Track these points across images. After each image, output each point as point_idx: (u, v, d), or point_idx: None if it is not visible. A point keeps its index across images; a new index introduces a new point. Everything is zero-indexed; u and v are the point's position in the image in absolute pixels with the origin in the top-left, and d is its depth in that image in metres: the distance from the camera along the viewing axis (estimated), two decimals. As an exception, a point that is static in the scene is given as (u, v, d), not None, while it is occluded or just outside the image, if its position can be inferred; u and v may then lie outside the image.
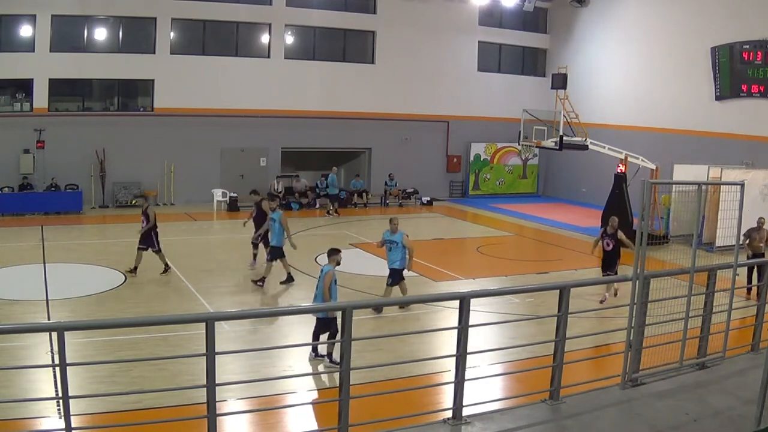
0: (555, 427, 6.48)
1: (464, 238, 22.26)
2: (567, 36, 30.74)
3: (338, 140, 28.35)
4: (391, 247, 13.02)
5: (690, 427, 6.46)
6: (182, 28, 25.89)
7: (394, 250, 12.98)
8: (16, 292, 13.57)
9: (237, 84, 26.11)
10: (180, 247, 17.49)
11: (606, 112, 27.83)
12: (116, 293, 14.01)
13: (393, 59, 28.74)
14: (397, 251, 12.95)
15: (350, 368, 5.72)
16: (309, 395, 8.97)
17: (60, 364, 4.97)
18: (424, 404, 7.80)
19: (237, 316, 11.74)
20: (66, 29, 24.18)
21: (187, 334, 10.63)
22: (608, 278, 13.55)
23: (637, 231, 7.12)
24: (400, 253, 12.92)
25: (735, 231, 8.08)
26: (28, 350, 10.09)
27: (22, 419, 8.03)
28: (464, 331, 6.19)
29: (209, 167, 26.07)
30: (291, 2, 26.99)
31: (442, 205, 28.80)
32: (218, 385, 5.29)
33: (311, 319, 11.33)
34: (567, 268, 17.61)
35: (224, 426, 7.86)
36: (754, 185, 19.10)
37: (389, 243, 13.10)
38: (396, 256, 12.97)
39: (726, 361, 8.04)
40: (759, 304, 8.51)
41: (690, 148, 23.54)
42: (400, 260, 12.95)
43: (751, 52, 22.75)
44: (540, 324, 12.06)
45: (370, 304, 12.66)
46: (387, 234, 13.19)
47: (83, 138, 23.93)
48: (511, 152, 31.28)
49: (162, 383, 9.23)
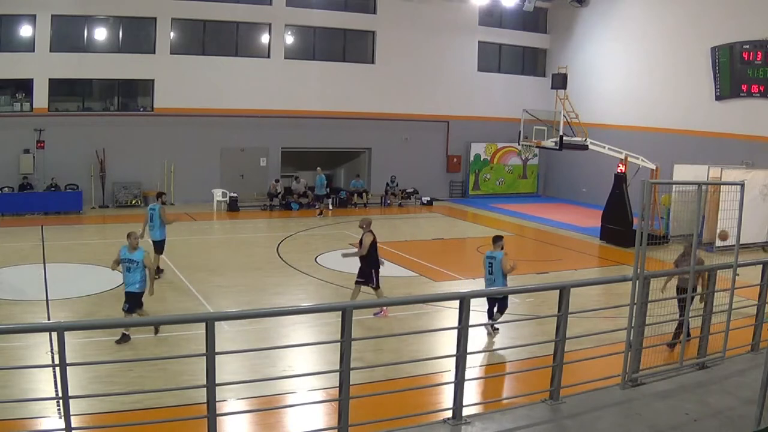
0: (555, 427, 6.47)
1: (464, 238, 22.27)
2: (567, 36, 30.74)
3: (338, 140, 28.36)
4: (130, 267, 10.66)
5: (690, 427, 6.46)
6: (182, 28, 25.89)
7: (134, 271, 10.68)
8: (16, 292, 13.57)
9: (237, 84, 26.11)
10: (180, 247, 17.48)
11: (606, 112, 27.84)
12: (116, 293, 13.97)
13: (393, 59, 28.74)
14: (137, 272, 10.69)
15: (350, 368, 5.71)
16: (309, 395, 8.96)
17: (60, 364, 4.97)
18: (424, 404, 7.79)
19: (237, 316, 11.73)
20: (66, 29, 24.18)
21: (187, 334, 10.63)
22: (608, 278, 13.53)
23: (637, 231, 7.12)
24: (140, 274, 10.70)
25: (735, 231, 8.09)
26: (28, 350, 10.09)
27: (22, 419, 8.03)
28: (464, 331, 6.18)
29: (209, 167, 26.06)
30: (291, 2, 26.99)
31: (442, 205, 28.80)
32: (218, 385, 5.29)
33: (311, 319, 11.35)
34: (567, 268, 17.60)
35: (224, 426, 7.85)
36: (754, 185, 19.10)
37: (127, 262, 10.76)
38: (135, 277, 10.70)
39: (726, 361, 8.03)
40: (759, 304, 8.50)
41: (690, 148, 23.54)
42: (141, 282, 10.75)
43: (751, 52, 22.74)
44: (540, 324, 12.06)
45: (371, 304, 12.65)
46: (124, 251, 10.76)
47: (83, 138, 23.93)
48: (511, 152, 31.28)
49: (162, 383, 9.23)
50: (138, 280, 10.66)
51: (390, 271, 16.87)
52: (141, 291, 10.76)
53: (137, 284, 10.69)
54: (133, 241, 10.73)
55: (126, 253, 10.70)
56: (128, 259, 10.66)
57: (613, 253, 19.57)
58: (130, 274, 10.66)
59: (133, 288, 10.70)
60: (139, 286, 10.71)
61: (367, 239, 12.71)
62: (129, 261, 10.65)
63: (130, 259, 10.64)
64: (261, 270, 14.28)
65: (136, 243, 10.77)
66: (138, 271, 10.64)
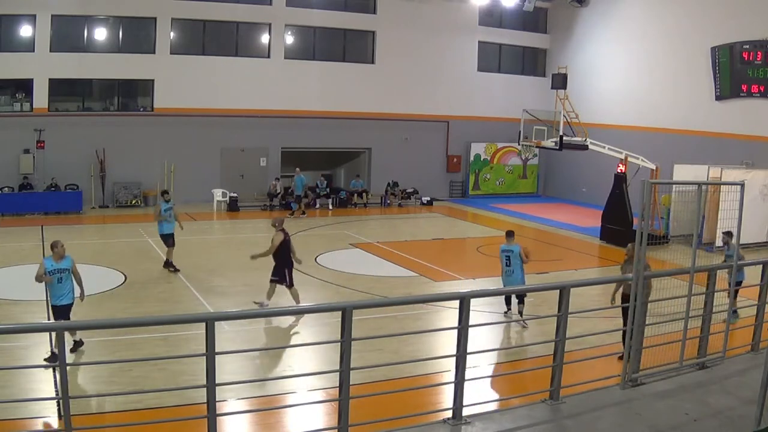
0: (555, 427, 6.48)
1: (464, 238, 22.26)
2: (567, 36, 30.74)
3: (338, 140, 28.36)
4: (61, 278, 9.91)
5: (690, 427, 6.46)
6: (182, 28, 25.90)
7: (65, 281, 9.95)
8: (16, 292, 13.57)
9: (237, 84, 26.11)
10: (180, 247, 17.46)
11: (606, 112, 27.84)
12: (116, 293, 14.01)
13: (393, 59, 28.74)
14: (68, 282, 9.97)
15: (350, 368, 5.71)
16: (309, 395, 8.96)
17: (60, 364, 4.97)
18: (424, 404, 7.79)
19: (237, 316, 11.73)
20: (66, 29, 24.19)
21: (187, 334, 10.63)
22: (608, 278, 13.54)
23: (637, 231, 7.12)
24: (70, 284, 10.01)
25: (735, 231, 8.09)
26: (28, 350, 10.10)
27: (22, 419, 8.03)
28: (464, 331, 6.18)
29: (209, 167, 26.07)
30: (291, 2, 27.00)
31: (442, 205, 28.80)
32: (218, 385, 5.30)
33: (311, 319, 11.35)
34: (567, 268, 17.60)
35: (224, 426, 7.85)
36: (754, 185, 19.10)
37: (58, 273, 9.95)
38: (66, 287, 9.96)
39: (726, 361, 8.04)
40: (759, 304, 8.50)
41: (690, 148, 23.54)
42: (70, 292, 10.00)
43: (751, 52, 22.75)
44: (540, 324, 12.07)
45: (370, 304, 12.63)
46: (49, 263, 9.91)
47: (83, 138, 23.94)
48: (511, 152, 31.28)
49: (162, 383, 9.22)
50: (69, 290, 9.96)
51: (390, 271, 16.91)
52: (71, 303, 10.02)
53: (67, 295, 9.95)
54: (60, 250, 9.96)
55: (53, 264, 9.86)
56: (58, 269, 9.87)
57: (613, 253, 19.54)
58: (61, 285, 9.88)
59: (63, 300, 9.91)
60: (69, 297, 9.97)
61: (277, 238, 12.85)
62: (59, 271, 9.86)
63: (60, 269, 9.88)
64: (261, 270, 14.24)
65: (63, 251, 10.01)
66: (69, 280, 9.96)
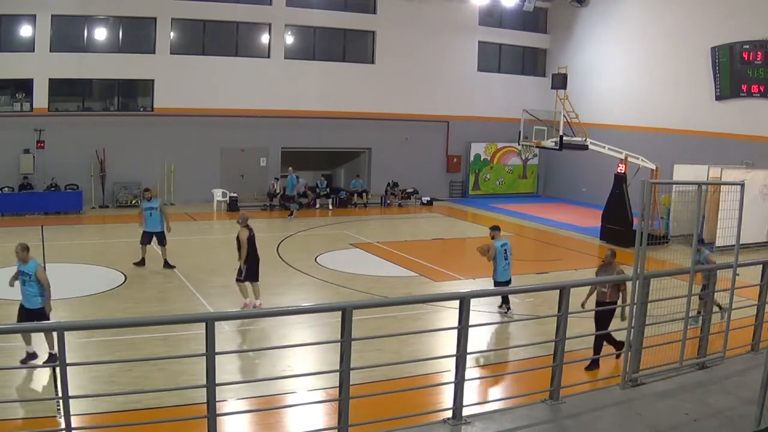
0: (555, 427, 6.47)
1: (464, 238, 22.26)
2: (567, 36, 30.74)
3: (338, 140, 28.36)
4: (24, 281, 9.77)
5: (690, 427, 6.46)
6: (182, 28, 25.89)
7: (28, 284, 9.79)
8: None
9: (237, 84, 26.10)
10: (180, 247, 17.47)
11: (606, 112, 27.83)
12: (116, 293, 14.01)
13: (393, 59, 28.74)
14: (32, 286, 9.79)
15: (350, 368, 5.71)
16: (309, 395, 8.96)
17: (60, 364, 4.97)
18: (424, 404, 7.79)
19: (237, 316, 11.73)
20: (66, 29, 24.17)
21: (187, 334, 10.63)
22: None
23: (637, 231, 7.12)
24: (35, 288, 9.80)
25: (735, 231, 8.08)
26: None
27: (22, 419, 8.03)
28: (464, 331, 6.18)
29: (209, 167, 26.06)
30: (291, 2, 26.98)
31: (442, 205, 28.80)
32: (218, 385, 5.29)
33: (311, 319, 11.35)
34: (567, 268, 17.60)
35: (224, 426, 7.85)
36: (754, 185, 19.10)
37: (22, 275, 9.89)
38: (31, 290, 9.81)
39: (726, 361, 8.03)
40: (759, 304, 8.50)
41: (690, 148, 23.54)
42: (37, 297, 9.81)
43: (751, 52, 22.75)
44: (540, 324, 12.07)
45: (370, 304, 12.63)
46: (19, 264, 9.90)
47: (83, 138, 23.92)
48: (511, 152, 31.27)
49: (162, 383, 9.22)
50: (35, 293, 9.74)
51: (390, 271, 16.91)
52: (36, 308, 9.73)
53: (31, 299, 9.74)
54: (22, 254, 9.79)
55: (19, 266, 9.84)
56: (21, 271, 9.79)
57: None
58: (25, 288, 9.78)
59: (27, 304, 9.75)
60: (34, 301, 9.74)
61: (243, 234, 12.85)
62: (23, 274, 9.78)
63: (23, 272, 9.77)
64: (261, 270, 14.28)
65: (26, 256, 9.82)
66: (32, 284, 9.72)
